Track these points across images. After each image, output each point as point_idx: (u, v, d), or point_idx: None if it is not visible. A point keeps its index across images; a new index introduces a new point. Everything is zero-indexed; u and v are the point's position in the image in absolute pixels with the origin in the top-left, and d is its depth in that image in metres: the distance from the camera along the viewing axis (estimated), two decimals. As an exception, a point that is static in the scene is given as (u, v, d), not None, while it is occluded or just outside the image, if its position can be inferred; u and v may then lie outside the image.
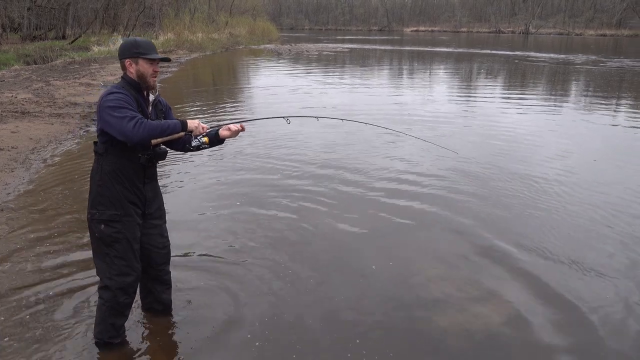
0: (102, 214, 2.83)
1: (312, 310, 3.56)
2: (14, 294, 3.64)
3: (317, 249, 4.52)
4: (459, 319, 3.48)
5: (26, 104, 10.75)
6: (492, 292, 3.82)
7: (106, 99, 2.69)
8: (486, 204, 5.59)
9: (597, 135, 9.26)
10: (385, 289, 3.85)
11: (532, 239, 4.72)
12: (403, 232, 4.89)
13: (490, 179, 6.42)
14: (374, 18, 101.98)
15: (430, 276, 4.04)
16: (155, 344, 3.19)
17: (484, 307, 3.62)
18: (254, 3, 57.94)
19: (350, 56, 30.89)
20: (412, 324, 3.45)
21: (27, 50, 24.99)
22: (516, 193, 5.91)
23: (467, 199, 5.73)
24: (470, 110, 11.87)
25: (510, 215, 5.30)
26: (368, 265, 4.19)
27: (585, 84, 17.79)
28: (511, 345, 3.25)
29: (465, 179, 6.45)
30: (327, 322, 3.43)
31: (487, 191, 5.97)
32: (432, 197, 5.80)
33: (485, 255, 4.41)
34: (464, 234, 4.84)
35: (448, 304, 3.67)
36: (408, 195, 5.88)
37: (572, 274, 4.10)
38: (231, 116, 10.51)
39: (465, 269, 4.18)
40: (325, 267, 4.19)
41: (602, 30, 68.97)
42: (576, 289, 3.86)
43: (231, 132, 3.06)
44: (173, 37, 31.20)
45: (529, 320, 3.47)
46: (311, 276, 4.01)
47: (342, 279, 3.99)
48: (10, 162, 6.80)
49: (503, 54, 31.88)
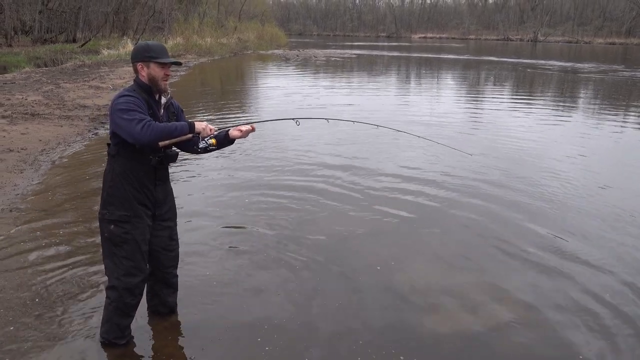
0: (112, 215, 2.86)
1: (324, 316, 3.55)
2: (20, 293, 3.67)
3: (329, 252, 4.52)
4: (477, 322, 3.48)
5: (36, 105, 10.86)
6: (503, 293, 3.82)
7: (117, 102, 2.73)
8: (500, 205, 5.64)
9: (610, 141, 9.24)
10: (398, 293, 3.84)
11: (548, 240, 4.74)
12: (417, 232, 4.90)
13: (502, 182, 6.40)
14: (382, 24, 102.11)
15: (451, 280, 4.04)
16: (161, 346, 3.19)
17: (500, 308, 3.62)
18: (262, 8, 58.31)
19: (358, 62, 30.96)
20: (424, 329, 3.43)
21: (38, 52, 25.26)
22: (529, 195, 5.91)
23: (481, 202, 5.74)
24: (480, 115, 11.86)
25: (524, 216, 5.34)
26: (387, 272, 4.19)
27: (599, 92, 17.72)
28: (518, 348, 3.24)
29: (478, 181, 6.48)
30: (339, 328, 3.42)
31: (501, 192, 5.97)
32: (448, 199, 5.83)
33: (505, 256, 4.45)
34: (480, 235, 4.90)
35: (465, 307, 3.66)
36: (421, 195, 5.94)
37: (590, 275, 4.08)
38: (239, 119, 10.57)
39: (480, 270, 4.18)
40: (338, 270, 4.19)
41: (611, 38, 68.67)
42: (592, 291, 3.85)
43: (242, 132, 3.08)
44: (182, 42, 31.39)
45: (542, 323, 3.46)
46: (323, 280, 4.01)
47: (355, 284, 3.97)
48: (20, 163, 6.86)
49: (518, 62, 31.82)
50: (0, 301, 3.57)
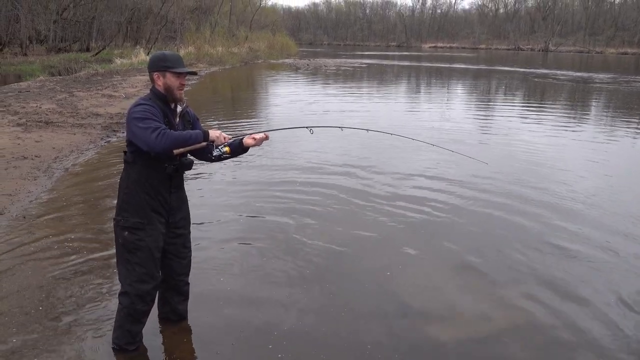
0: (126, 221, 2.90)
1: (334, 322, 3.55)
2: (32, 299, 3.71)
3: (341, 257, 4.54)
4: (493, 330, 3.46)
5: (50, 114, 11.01)
6: (508, 301, 3.80)
7: (133, 110, 2.77)
8: (513, 214, 5.62)
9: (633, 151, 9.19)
10: (411, 303, 3.84)
11: (562, 252, 4.71)
12: (432, 239, 4.89)
13: (515, 190, 6.38)
14: (392, 34, 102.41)
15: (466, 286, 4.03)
16: (172, 352, 3.21)
17: (504, 315, 3.60)
18: (273, 18, 58.79)
19: (368, 71, 31.04)
20: (439, 338, 3.42)
21: (52, 61, 25.65)
22: (542, 204, 5.88)
23: (495, 210, 5.73)
24: (491, 125, 11.82)
25: (537, 225, 5.31)
26: (402, 282, 4.18)
27: (615, 101, 17.59)
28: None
29: (493, 190, 6.48)
30: (349, 334, 3.41)
31: (515, 202, 5.94)
32: (462, 207, 5.81)
33: (518, 265, 4.42)
34: (497, 243, 4.87)
35: (475, 315, 3.65)
36: (436, 202, 5.94)
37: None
38: (250, 127, 10.63)
39: (492, 279, 4.16)
40: (351, 276, 4.20)
41: (624, 48, 68.25)
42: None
43: (255, 140, 3.11)
44: (193, 51, 31.71)
45: (547, 333, 3.44)
46: (333, 287, 4.02)
47: (367, 290, 3.97)
48: (34, 171, 6.95)
49: (532, 72, 31.72)
50: (12, 306, 3.61)
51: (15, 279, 4.01)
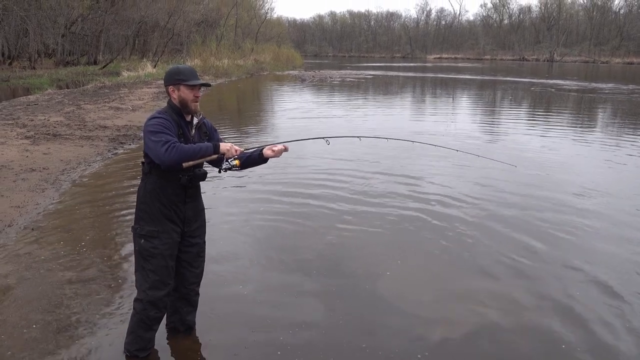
0: (142, 229, 2.97)
1: (342, 330, 3.54)
2: (42, 309, 3.71)
3: (349, 264, 4.53)
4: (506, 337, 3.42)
5: (58, 126, 11.10)
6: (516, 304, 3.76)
7: (148, 123, 2.84)
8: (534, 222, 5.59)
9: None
10: (420, 310, 3.82)
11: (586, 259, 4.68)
12: (446, 244, 4.86)
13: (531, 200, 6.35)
14: (397, 45, 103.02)
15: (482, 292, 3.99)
16: (182, 359, 3.22)
17: (508, 318, 3.57)
18: (278, 30, 59.29)
19: (373, 82, 31.14)
20: (439, 338, 3.39)
21: (60, 74, 25.96)
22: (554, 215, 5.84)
23: (514, 213, 5.70)
24: (501, 131, 11.80)
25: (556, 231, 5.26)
26: (414, 291, 4.16)
27: (626, 111, 17.54)
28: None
29: (514, 196, 6.55)
30: (358, 342, 3.40)
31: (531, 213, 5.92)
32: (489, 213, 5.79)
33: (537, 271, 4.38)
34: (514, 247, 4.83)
35: (474, 316, 3.61)
36: (456, 208, 5.89)
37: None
38: (259, 139, 10.67)
39: (514, 285, 4.12)
40: (359, 284, 4.18)
41: (629, 58, 68.24)
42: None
43: (275, 152, 3.13)
44: (200, 63, 31.96)
45: (552, 335, 3.39)
46: (340, 293, 4.01)
47: (381, 308, 3.92)
48: (42, 183, 6.99)
49: (540, 82, 31.73)
50: (22, 316, 3.61)
51: (24, 289, 4.01)
